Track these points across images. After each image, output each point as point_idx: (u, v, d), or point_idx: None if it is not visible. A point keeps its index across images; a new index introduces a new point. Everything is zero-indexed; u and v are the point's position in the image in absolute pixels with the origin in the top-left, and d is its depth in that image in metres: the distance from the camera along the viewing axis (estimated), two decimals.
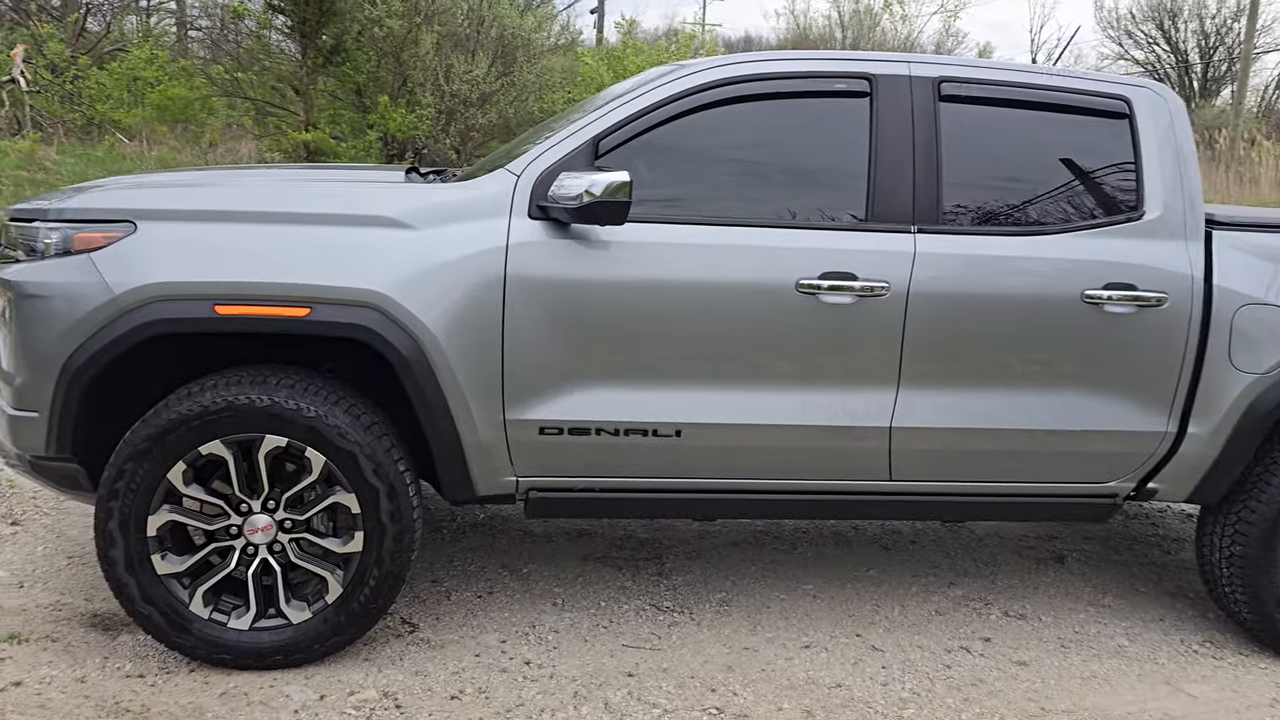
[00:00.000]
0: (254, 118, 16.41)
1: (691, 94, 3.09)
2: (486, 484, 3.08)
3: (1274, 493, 3.28)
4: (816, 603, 3.67)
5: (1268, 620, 3.36)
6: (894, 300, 3.04)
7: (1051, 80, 3.30)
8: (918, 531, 4.45)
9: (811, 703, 2.99)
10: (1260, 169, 23.58)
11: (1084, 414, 3.20)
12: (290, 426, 2.82)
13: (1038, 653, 3.40)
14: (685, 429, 3.04)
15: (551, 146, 3.02)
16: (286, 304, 2.77)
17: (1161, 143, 3.25)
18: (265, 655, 2.92)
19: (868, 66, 3.17)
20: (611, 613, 3.49)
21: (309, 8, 11.77)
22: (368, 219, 2.88)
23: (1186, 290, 3.17)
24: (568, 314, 2.93)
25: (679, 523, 4.36)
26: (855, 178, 3.11)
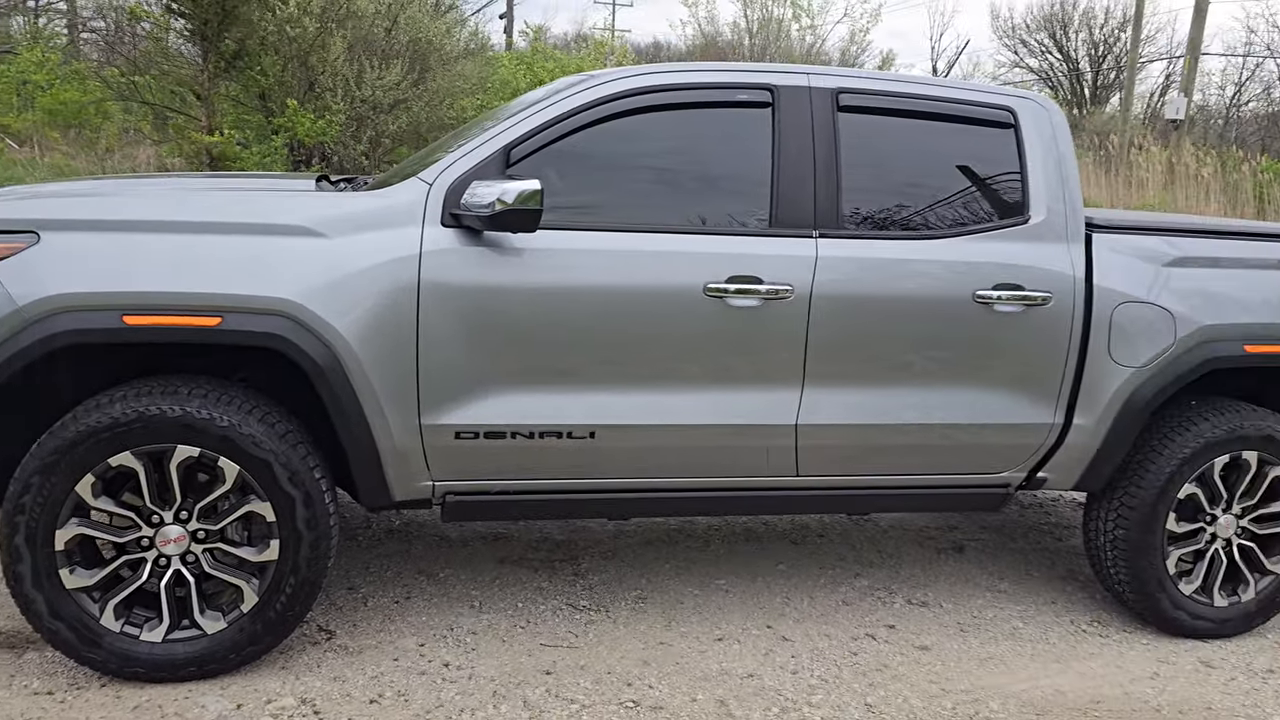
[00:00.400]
0: (153, 123, 15.96)
1: (601, 104, 3.16)
2: (403, 489, 3.10)
3: (1152, 479, 3.50)
4: (729, 597, 3.78)
5: (1149, 599, 3.58)
6: (797, 302, 3.16)
7: (943, 92, 3.47)
8: (826, 526, 4.61)
9: (724, 693, 3.09)
10: (1146, 173, 24.73)
11: (977, 408, 3.37)
12: (203, 436, 2.81)
13: (938, 637, 3.56)
14: (599, 430, 3.11)
15: (464, 155, 3.07)
16: (197, 313, 2.76)
17: (1044, 151, 3.44)
18: (179, 667, 2.90)
19: (770, 78, 3.29)
20: (529, 613, 3.54)
21: (210, 10, 11.50)
22: (278, 227, 2.88)
23: (1069, 290, 3.37)
24: (482, 320, 2.97)
25: (594, 523, 4.43)
26: (759, 185, 3.22)
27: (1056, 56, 40.77)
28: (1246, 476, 3.57)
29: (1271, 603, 3.69)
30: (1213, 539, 3.61)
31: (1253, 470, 3.57)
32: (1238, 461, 3.55)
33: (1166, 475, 3.48)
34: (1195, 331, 3.41)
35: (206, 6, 11.47)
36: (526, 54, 20.33)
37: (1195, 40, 24.61)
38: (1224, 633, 3.65)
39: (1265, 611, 3.69)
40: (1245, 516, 3.63)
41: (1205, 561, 3.62)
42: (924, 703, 3.11)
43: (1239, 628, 3.67)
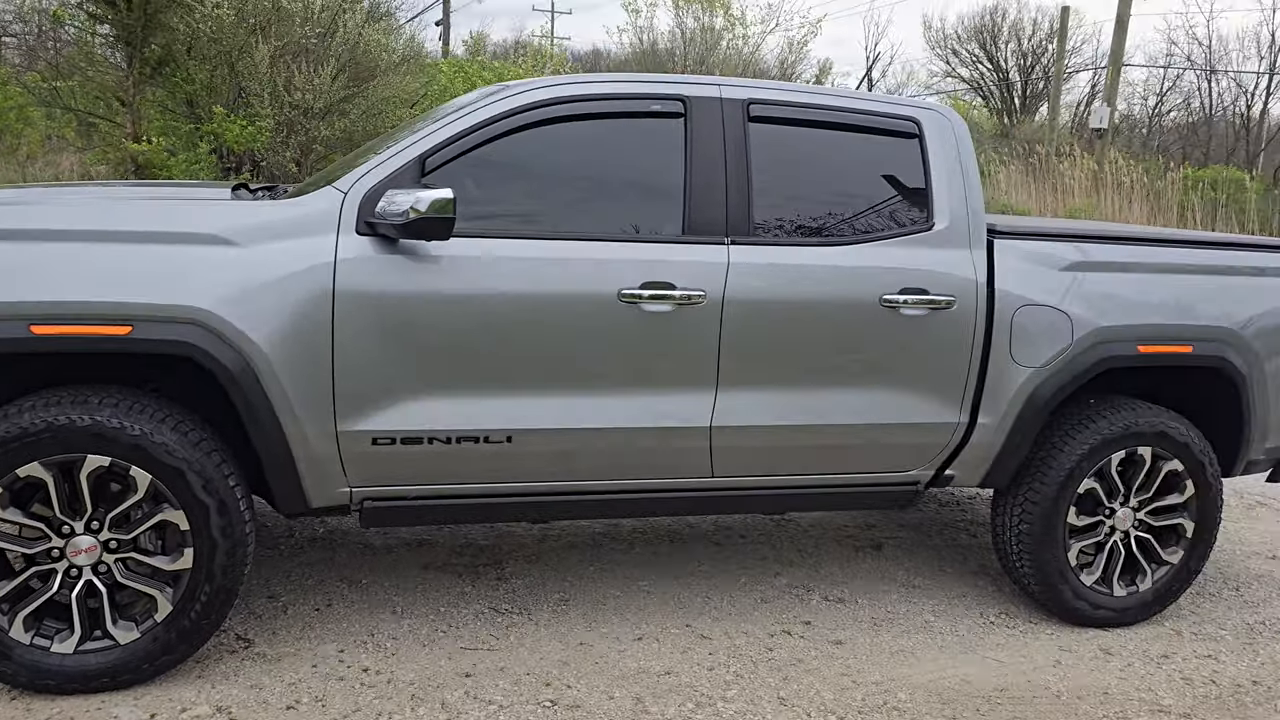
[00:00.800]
0: (77, 129, 15.64)
1: (516, 113, 3.22)
2: (320, 495, 3.12)
3: (1053, 475, 3.64)
4: (650, 598, 3.84)
5: (1052, 590, 3.72)
6: (710, 307, 3.24)
7: (851, 103, 3.58)
8: (748, 527, 4.70)
9: (641, 690, 3.15)
10: (1072, 180, 25.45)
11: (886, 408, 3.49)
12: (114, 445, 2.79)
13: (853, 632, 3.66)
14: (516, 435, 3.16)
15: (379, 164, 3.10)
16: (106, 322, 2.75)
17: (947, 160, 3.57)
18: (92, 678, 2.88)
19: (682, 89, 3.37)
20: (451, 617, 3.57)
21: (134, 16, 11.32)
22: (190, 236, 2.88)
23: (972, 293, 3.49)
24: (397, 326, 3.00)
25: (519, 528, 4.47)
26: (672, 193, 3.30)
27: (987, 66, 41.73)
28: (1142, 471, 3.73)
29: (1168, 591, 3.85)
30: (1111, 531, 3.77)
31: (1147, 465, 3.73)
32: (1133, 457, 3.71)
33: (1066, 471, 3.62)
34: (1091, 333, 3.56)
35: (130, 12, 11.28)
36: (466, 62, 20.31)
37: (1117, 52, 25.38)
38: (1124, 621, 3.81)
39: (1162, 600, 3.86)
40: (1142, 510, 3.79)
41: (1105, 553, 3.77)
42: (835, 695, 3.20)
43: (1138, 616, 3.83)
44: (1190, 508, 3.81)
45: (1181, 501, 3.80)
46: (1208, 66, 34.97)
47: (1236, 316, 3.75)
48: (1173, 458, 3.74)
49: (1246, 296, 3.80)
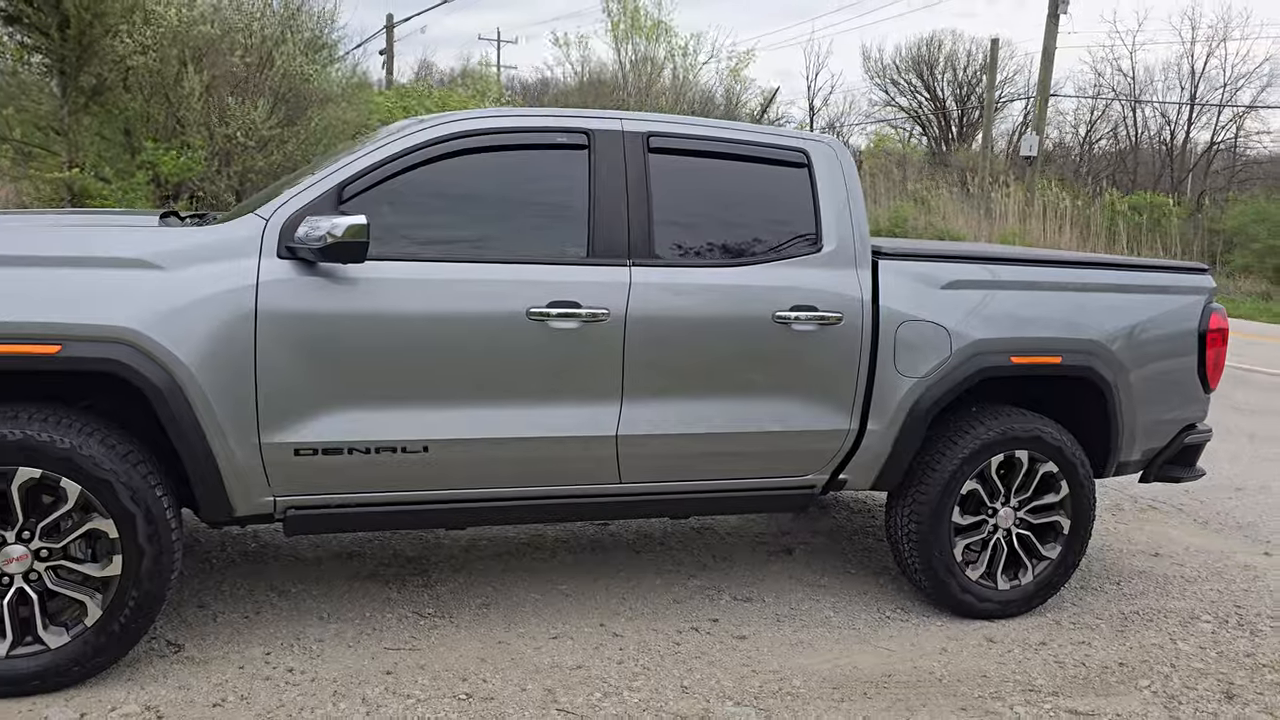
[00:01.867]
0: (13, 159, 15.53)
1: (430, 145, 3.45)
2: (244, 504, 3.30)
3: (938, 477, 3.93)
4: (568, 600, 4.06)
5: (940, 584, 4.00)
6: (613, 324, 3.49)
7: (745, 135, 3.87)
8: (666, 534, 4.94)
9: (553, 682, 3.36)
10: (1005, 206, 26.24)
11: (782, 417, 3.75)
12: (44, 458, 2.96)
13: (757, 627, 3.91)
14: (432, 445, 3.37)
15: (300, 192, 3.31)
16: (37, 341, 2.93)
17: (835, 188, 3.87)
18: (22, 681, 3.02)
19: (586, 123, 3.63)
20: (375, 621, 3.75)
21: (67, 46, 11.35)
22: (117, 260, 3.07)
23: (858, 310, 3.79)
24: (317, 344, 3.21)
25: (446, 539, 4.66)
26: (578, 219, 3.55)
27: (924, 95, 42.88)
28: (1020, 473, 4.04)
29: (1049, 584, 4.16)
30: (994, 529, 4.06)
31: (1025, 467, 4.04)
32: (1012, 460, 4.02)
33: (949, 473, 3.91)
34: (968, 345, 3.87)
35: (64, 43, 11.32)
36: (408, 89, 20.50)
37: (1044, 82, 26.32)
38: (1008, 613, 4.10)
39: (1043, 593, 4.16)
40: (1022, 509, 4.10)
41: (989, 550, 4.06)
42: (735, 683, 3.44)
43: (1021, 608, 4.12)
44: (1066, 506, 4.12)
45: (1058, 500, 4.11)
46: (1133, 97, 36.29)
47: (1103, 330, 4.09)
48: (1048, 460, 4.05)
49: (1112, 312, 4.14)
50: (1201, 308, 4.34)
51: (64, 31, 11.09)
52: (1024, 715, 3.33)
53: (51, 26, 11.07)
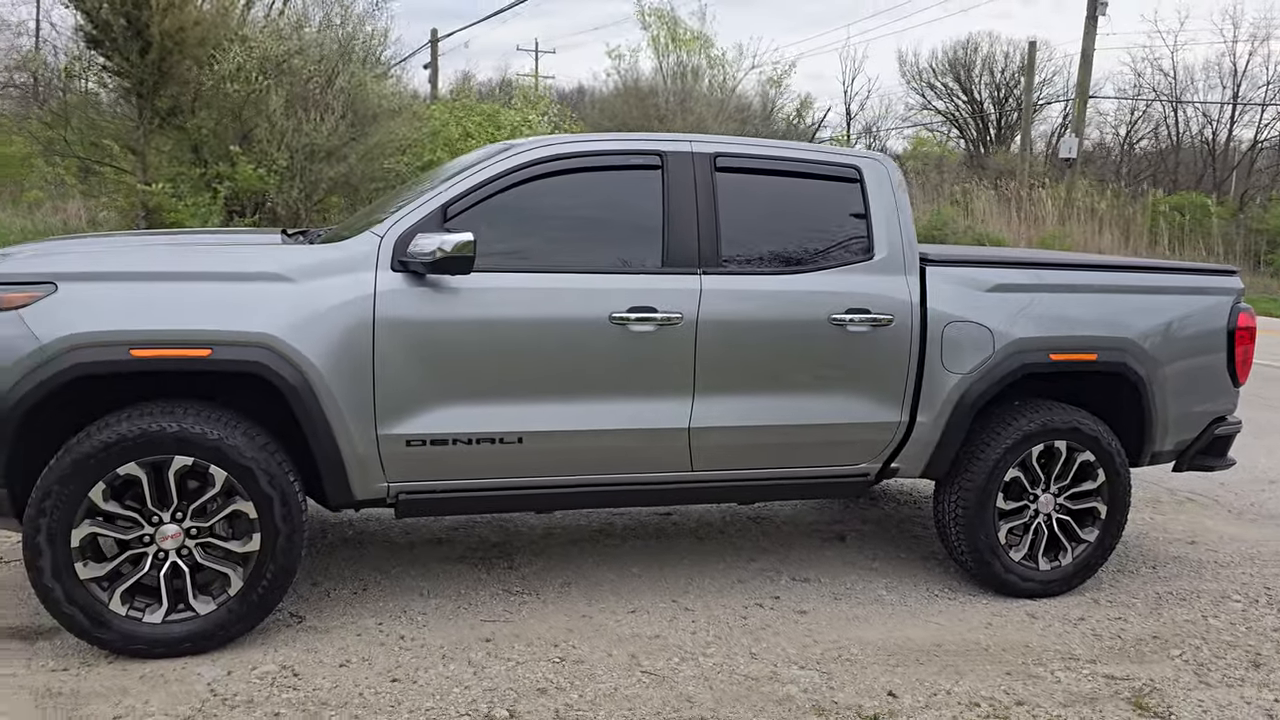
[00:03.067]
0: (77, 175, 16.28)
1: (521, 169, 3.86)
2: (363, 490, 3.72)
3: (982, 466, 4.26)
4: (641, 580, 4.44)
5: (985, 565, 4.33)
6: (686, 327, 3.87)
7: (801, 154, 4.25)
8: (726, 523, 5.31)
9: (635, 649, 3.75)
10: (1044, 209, 26.27)
11: (838, 410, 4.11)
12: (196, 448, 3.40)
13: (815, 604, 4.27)
14: (525, 436, 3.77)
15: (410, 212, 3.73)
16: (191, 346, 3.37)
17: (885, 200, 4.23)
18: (177, 644, 3.46)
19: (659, 145, 4.02)
20: (470, 597, 4.16)
21: (147, 69, 11.99)
22: (256, 275, 3.51)
23: (907, 312, 4.14)
24: (427, 347, 3.62)
25: (526, 526, 5.07)
26: (653, 232, 3.94)
27: (961, 99, 42.86)
28: (1059, 462, 4.37)
29: (1087, 565, 4.47)
30: (1035, 514, 4.39)
31: (1064, 456, 4.36)
32: (1051, 450, 4.34)
33: (993, 462, 4.25)
34: (1010, 344, 4.21)
35: (144, 66, 11.95)
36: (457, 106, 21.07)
37: (1083, 84, 26.35)
38: (1049, 592, 4.42)
39: (1082, 573, 4.48)
40: (1061, 495, 4.42)
41: (1030, 533, 4.39)
42: (798, 650, 3.80)
43: (1061, 588, 4.44)
44: (1103, 492, 4.44)
45: (1095, 487, 4.43)
46: (1174, 96, 36.12)
47: (1136, 329, 4.41)
48: (1085, 450, 4.37)
49: (1145, 312, 4.46)
50: (1230, 307, 4.63)
51: (144, 56, 11.71)
52: (1064, 679, 3.67)
53: (133, 51, 11.69)
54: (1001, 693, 3.54)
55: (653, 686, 3.47)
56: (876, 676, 3.62)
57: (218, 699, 3.24)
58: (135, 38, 11.77)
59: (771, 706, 3.37)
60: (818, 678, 3.59)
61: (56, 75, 15.24)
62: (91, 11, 11.97)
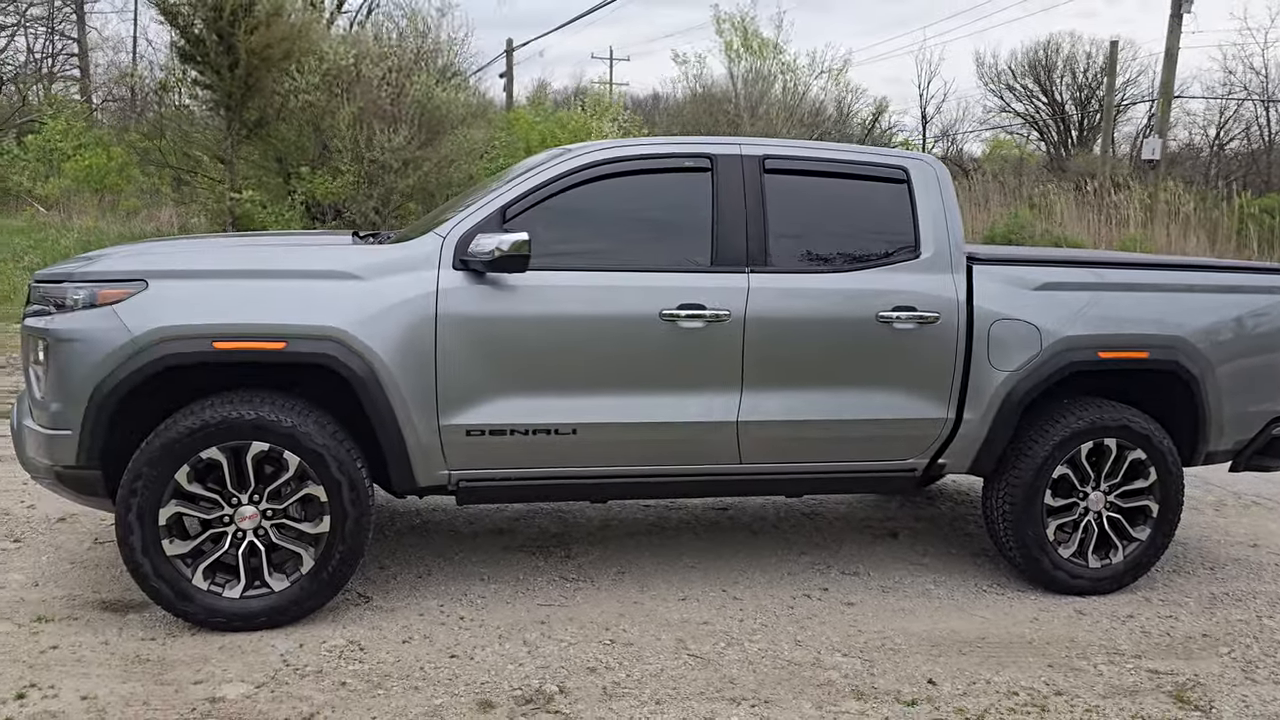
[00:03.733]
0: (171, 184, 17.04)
1: (576, 172, 4.04)
2: (425, 477, 3.93)
3: (1029, 462, 4.30)
4: (693, 571, 4.58)
5: (1033, 561, 4.37)
6: (734, 324, 4.01)
7: (849, 155, 4.35)
8: (780, 518, 5.42)
9: (683, 634, 3.89)
10: (1127, 211, 25.66)
11: (885, 406, 4.20)
12: (271, 434, 3.64)
13: (862, 596, 4.36)
14: (580, 428, 3.95)
15: (470, 213, 3.94)
16: (268, 339, 3.62)
17: (932, 200, 4.31)
18: (253, 618, 3.71)
19: (709, 149, 4.17)
20: (528, 583, 4.35)
21: (235, 83, 12.54)
22: (328, 273, 3.75)
23: (954, 310, 4.21)
24: (486, 342, 3.82)
25: (584, 518, 5.25)
26: (702, 232, 4.09)
27: (1041, 100, 42.03)
28: (1109, 459, 4.38)
29: (1138, 564, 4.48)
30: (1085, 511, 4.41)
31: (1114, 454, 4.38)
32: (1101, 447, 4.36)
33: (1041, 458, 4.29)
34: (1057, 341, 4.25)
35: (232, 80, 12.50)
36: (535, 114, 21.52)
37: (1167, 84, 25.70)
38: (1098, 590, 4.43)
39: (1133, 572, 4.48)
40: (1112, 493, 4.43)
41: (1080, 530, 4.42)
42: (842, 639, 3.90)
43: (1111, 586, 4.45)
44: (1154, 491, 4.44)
45: (1147, 486, 4.43)
46: (1266, 95, 34.93)
47: (1189, 327, 4.41)
48: (1136, 448, 4.38)
49: (1199, 310, 4.45)
50: None
51: (233, 70, 12.26)
52: (1106, 673, 3.70)
53: (223, 66, 12.25)
54: (1041, 683, 3.60)
55: (698, 668, 3.61)
56: (918, 665, 3.71)
57: (290, 669, 3.48)
58: (226, 53, 12.34)
59: (811, 690, 3.48)
60: (859, 665, 3.69)
61: (153, 89, 16.00)
62: (185, 28, 12.58)
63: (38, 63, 30.24)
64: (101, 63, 28.76)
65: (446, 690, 3.37)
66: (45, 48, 31.00)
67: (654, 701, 3.36)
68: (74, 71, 30.69)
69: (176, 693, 3.28)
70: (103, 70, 26.93)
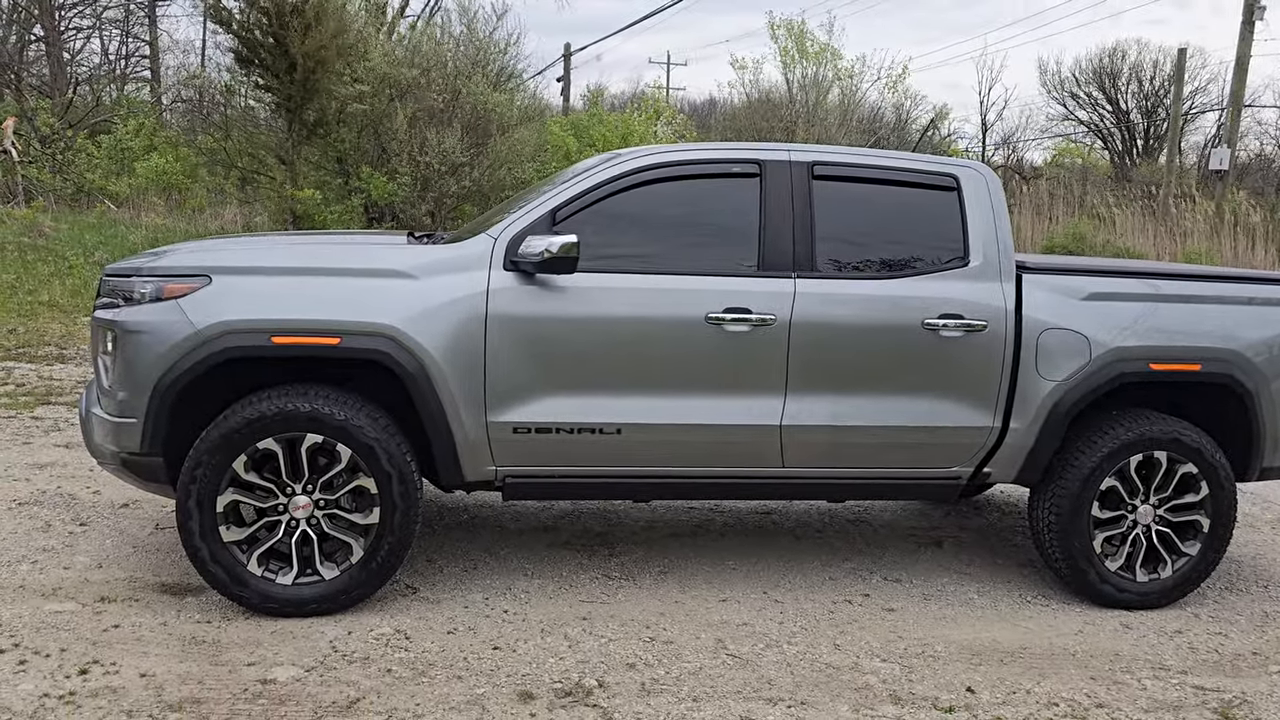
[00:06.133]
0: (237, 184, 17.47)
1: (625, 176, 4.11)
2: (473, 472, 4.02)
3: (1077, 474, 4.27)
4: (735, 573, 4.61)
5: (1079, 573, 4.33)
6: (779, 328, 4.04)
7: (899, 163, 4.36)
8: (824, 524, 5.43)
9: (723, 634, 3.93)
10: (1191, 223, 25.10)
11: (930, 413, 4.20)
12: (325, 427, 3.75)
13: (904, 603, 4.36)
14: (624, 428, 4.01)
15: (520, 216, 4.03)
16: (324, 334, 3.73)
17: (981, 208, 4.30)
18: (304, 604, 3.82)
19: (758, 155, 4.21)
20: (571, 580, 4.42)
21: (294, 86, 12.83)
22: (382, 271, 3.85)
23: (1002, 319, 4.20)
24: (534, 341, 3.90)
25: (629, 518, 5.31)
26: (749, 237, 4.13)
27: (1106, 109, 41.29)
28: (1159, 473, 4.33)
29: (1188, 579, 4.42)
30: (1134, 525, 4.37)
31: (1164, 467, 4.32)
32: (1150, 460, 4.31)
33: (1089, 470, 4.25)
34: (1107, 352, 4.21)
35: (292, 83, 12.79)
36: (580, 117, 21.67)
37: (1237, 93, 25.10)
38: (1146, 604, 4.38)
39: (1182, 587, 4.42)
40: (1161, 507, 4.38)
41: (1127, 544, 4.37)
42: (882, 644, 3.91)
43: (1159, 601, 4.40)
44: (1206, 506, 4.38)
45: (1198, 500, 4.37)
46: None
47: (1243, 340, 4.34)
48: (1187, 461, 4.32)
49: (1253, 323, 4.38)
50: None
51: (291, 74, 12.55)
52: (1150, 688, 3.67)
53: (281, 69, 12.55)
54: (1083, 695, 3.57)
55: (736, 668, 3.65)
56: (958, 673, 3.70)
57: (338, 654, 3.58)
58: (283, 56, 12.63)
59: (849, 693, 3.50)
60: (898, 670, 3.70)
61: (220, 91, 16.42)
62: (241, 34, 12.90)
63: (111, 64, 31.17)
64: (171, 65, 29.55)
65: (488, 680, 3.45)
66: (119, 50, 31.96)
67: (691, 699, 3.40)
68: (145, 73, 31.56)
69: (230, 673, 3.39)
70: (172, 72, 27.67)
